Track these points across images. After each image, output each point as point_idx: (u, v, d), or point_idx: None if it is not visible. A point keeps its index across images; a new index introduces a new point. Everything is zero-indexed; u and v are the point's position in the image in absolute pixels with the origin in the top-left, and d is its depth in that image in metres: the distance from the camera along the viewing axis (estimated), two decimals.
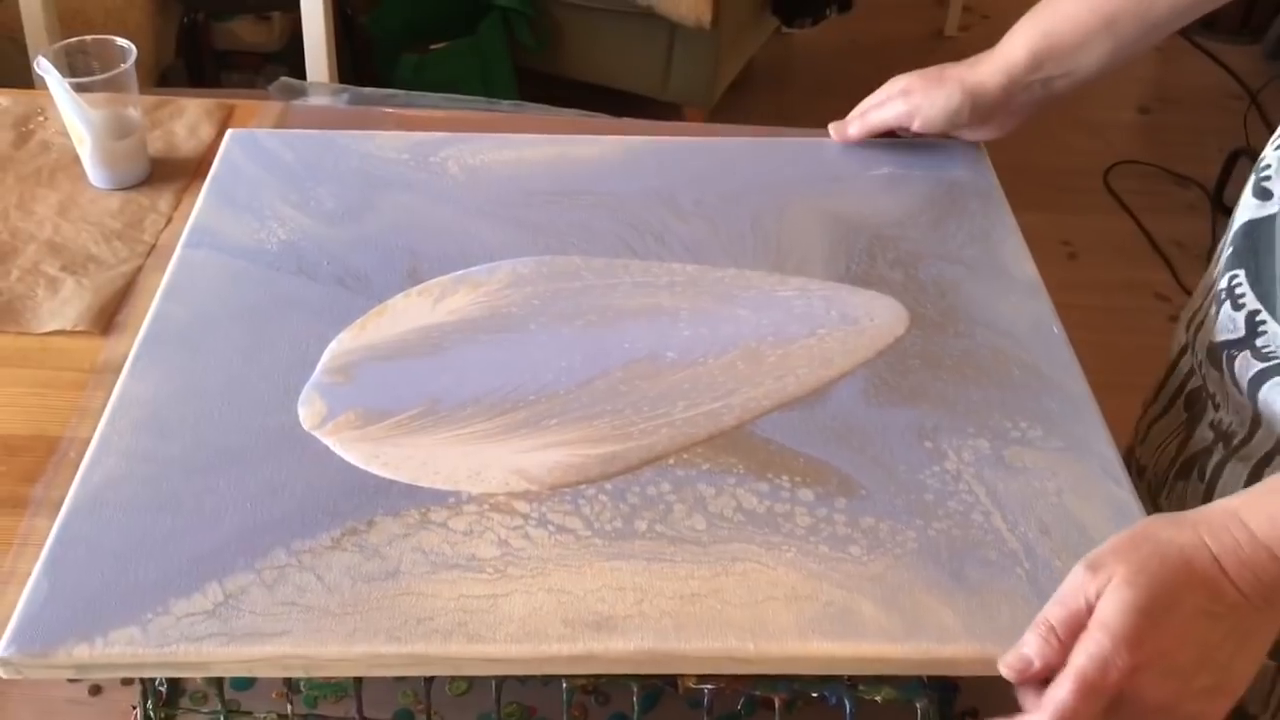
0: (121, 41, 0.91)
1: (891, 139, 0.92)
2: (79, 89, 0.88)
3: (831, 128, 0.92)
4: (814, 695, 0.61)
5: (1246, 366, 0.71)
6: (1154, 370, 0.79)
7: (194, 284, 0.77)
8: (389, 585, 0.59)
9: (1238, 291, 0.74)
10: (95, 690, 0.65)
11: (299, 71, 1.57)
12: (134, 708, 0.63)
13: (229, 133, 0.91)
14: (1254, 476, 0.74)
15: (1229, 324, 0.74)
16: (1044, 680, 0.54)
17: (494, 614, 0.58)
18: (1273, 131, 0.77)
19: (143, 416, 0.67)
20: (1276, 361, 0.69)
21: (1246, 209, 0.75)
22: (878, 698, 0.60)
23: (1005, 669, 0.55)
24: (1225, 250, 0.77)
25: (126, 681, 0.65)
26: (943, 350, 0.74)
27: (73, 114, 0.88)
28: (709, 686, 0.59)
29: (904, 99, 0.88)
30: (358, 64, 1.99)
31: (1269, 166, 0.74)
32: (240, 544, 0.60)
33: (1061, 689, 0.52)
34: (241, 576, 0.59)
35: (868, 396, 0.70)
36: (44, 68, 0.88)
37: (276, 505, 0.62)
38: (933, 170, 0.90)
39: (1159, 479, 0.86)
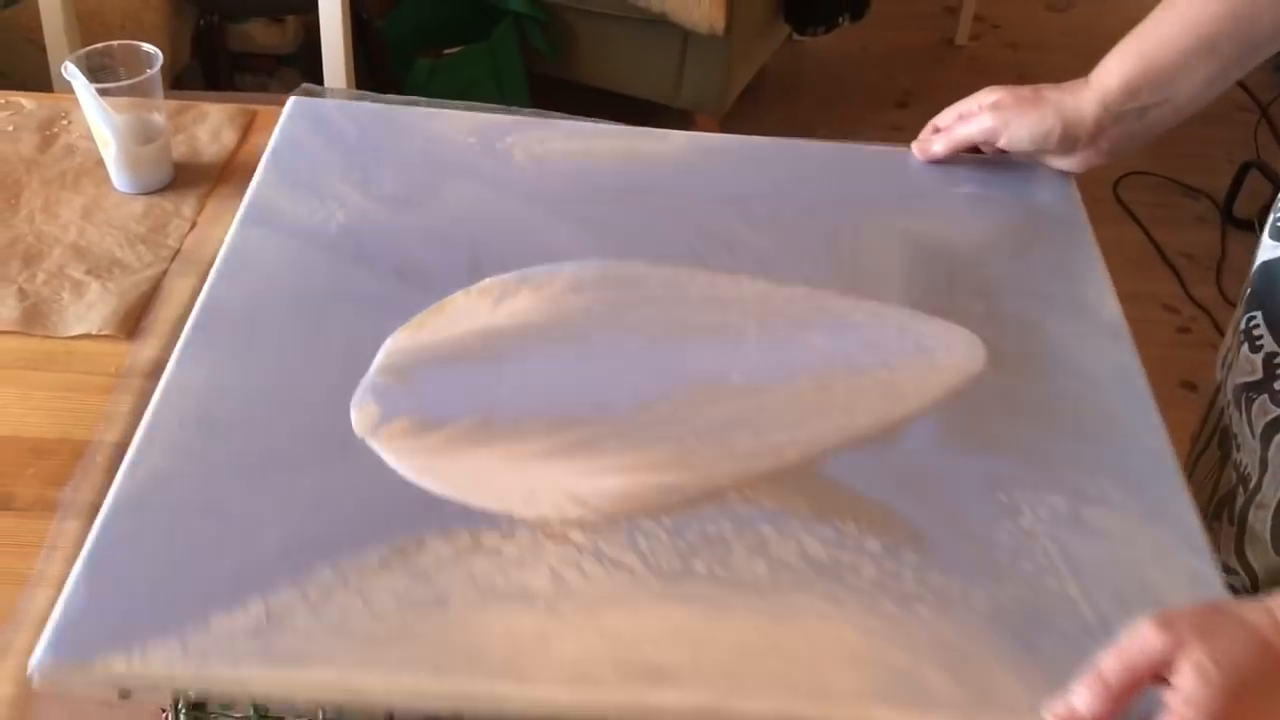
0: (147, 47, 0.91)
1: (974, 154, 0.88)
2: (104, 94, 0.87)
3: (915, 146, 0.87)
4: None
5: (1263, 412, 0.70)
6: (1160, 381, 0.76)
7: (249, 265, 0.74)
8: (436, 615, 0.56)
9: (1255, 333, 0.72)
10: (124, 693, 0.63)
11: (312, 74, 1.56)
12: (163, 711, 0.61)
13: (292, 99, 0.88)
14: (1275, 529, 0.72)
15: (1247, 366, 0.73)
16: None
17: (544, 653, 0.55)
18: None
19: (192, 410, 0.65)
20: None
21: (1265, 249, 0.73)
22: None
23: (1048, 715, 0.53)
24: (1246, 290, 0.74)
25: None
26: (1021, 393, 0.71)
27: (98, 118, 0.88)
28: None
29: (994, 114, 0.84)
30: (372, 68, 1.99)
31: None
32: (286, 557, 0.58)
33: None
34: (286, 594, 0.57)
35: (940, 440, 0.67)
36: (71, 73, 0.87)
37: (324, 517, 0.60)
38: (1017, 193, 0.86)
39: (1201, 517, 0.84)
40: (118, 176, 0.91)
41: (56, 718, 0.61)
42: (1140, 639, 0.53)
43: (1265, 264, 0.74)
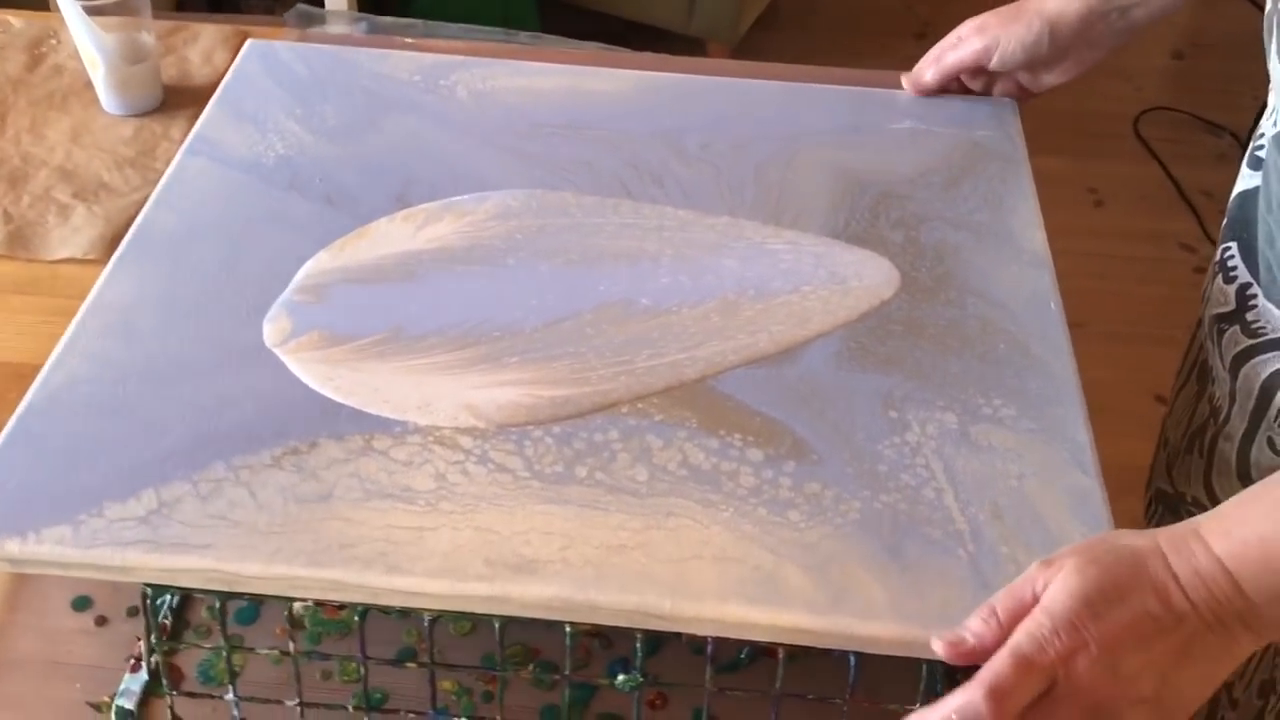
0: None
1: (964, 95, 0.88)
2: (92, 12, 0.88)
3: (905, 79, 0.88)
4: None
5: (1233, 342, 0.69)
6: (1174, 322, 0.76)
7: (187, 193, 0.77)
8: (319, 509, 0.59)
9: (1230, 264, 0.71)
10: (101, 621, 0.66)
11: None
12: (138, 639, 0.64)
13: (249, 42, 0.91)
14: (1241, 457, 0.72)
15: (1220, 297, 0.72)
16: None
17: (417, 547, 0.58)
18: None
19: (112, 321, 0.68)
20: (1261, 340, 0.66)
21: (1241, 179, 0.72)
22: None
23: (938, 643, 0.54)
24: (1223, 221, 0.73)
25: (132, 612, 0.66)
26: (928, 317, 0.71)
27: (86, 38, 0.88)
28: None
29: (980, 35, 0.85)
30: None
31: (1263, 135, 0.70)
32: (183, 455, 0.61)
33: (996, 660, 0.51)
34: (178, 486, 0.59)
35: (840, 360, 0.68)
36: None
37: (225, 419, 0.63)
38: (958, 128, 0.86)
39: (1174, 451, 0.83)
40: (106, 97, 0.91)
41: (30, 646, 0.64)
42: (1027, 576, 0.53)
43: (1242, 194, 0.73)
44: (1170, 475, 0.83)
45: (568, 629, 0.56)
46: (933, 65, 0.87)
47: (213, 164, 0.79)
